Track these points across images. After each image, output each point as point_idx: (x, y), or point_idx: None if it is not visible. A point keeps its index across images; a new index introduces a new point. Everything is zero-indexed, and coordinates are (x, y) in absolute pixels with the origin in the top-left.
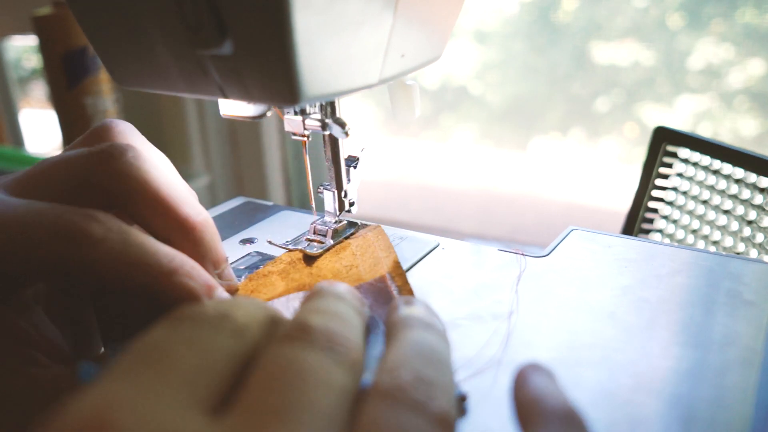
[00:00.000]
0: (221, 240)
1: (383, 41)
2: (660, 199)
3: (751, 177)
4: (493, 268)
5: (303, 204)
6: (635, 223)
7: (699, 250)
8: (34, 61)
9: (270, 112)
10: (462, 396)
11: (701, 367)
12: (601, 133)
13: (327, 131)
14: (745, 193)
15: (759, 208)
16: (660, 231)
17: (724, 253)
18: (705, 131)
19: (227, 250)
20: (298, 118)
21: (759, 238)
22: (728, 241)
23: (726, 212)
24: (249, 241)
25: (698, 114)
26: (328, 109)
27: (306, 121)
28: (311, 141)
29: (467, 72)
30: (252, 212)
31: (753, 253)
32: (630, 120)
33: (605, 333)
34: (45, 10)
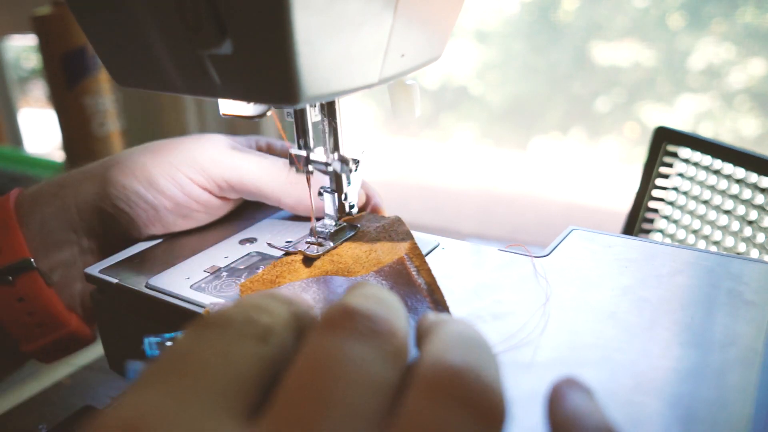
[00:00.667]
0: (221, 240)
1: (383, 41)
2: (661, 199)
3: (752, 177)
4: (493, 268)
5: None
6: (636, 223)
7: (700, 250)
8: (34, 60)
9: (270, 112)
10: None
11: (702, 367)
12: (601, 133)
13: (330, 169)
14: (746, 193)
15: (760, 208)
16: (661, 231)
17: (724, 253)
18: (706, 131)
19: (227, 250)
20: (303, 153)
21: (760, 238)
22: (729, 242)
23: (727, 212)
24: (249, 241)
25: (699, 114)
26: (326, 110)
27: (310, 156)
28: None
29: (467, 72)
30: (252, 212)
31: (754, 254)
32: (630, 120)
33: (606, 333)
34: (44, 10)
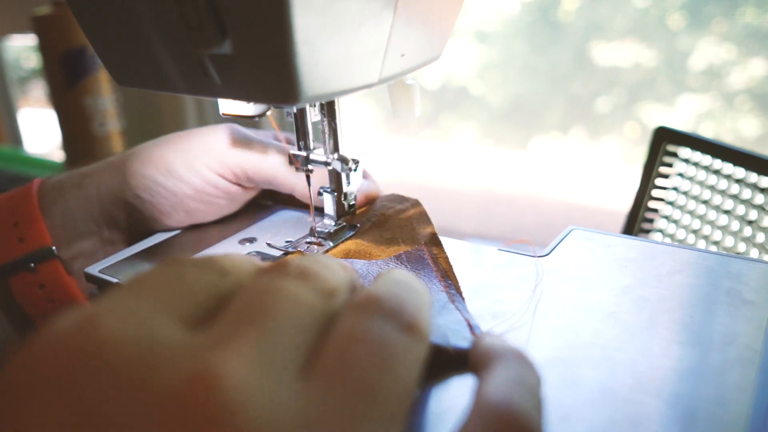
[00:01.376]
0: (221, 240)
1: (383, 41)
2: (660, 199)
3: (752, 177)
4: (492, 267)
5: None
6: (636, 223)
7: (699, 250)
8: (34, 60)
9: (270, 112)
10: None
11: (701, 367)
12: (601, 133)
13: (330, 167)
14: (746, 193)
15: (759, 208)
16: (660, 231)
17: (724, 252)
18: (706, 131)
19: (227, 250)
20: (303, 153)
21: (759, 238)
22: (729, 241)
23: (727, 212)
24: (249, 240)
25: (700, 114)
26: (326, 109)
27: (310, 155)
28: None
29: (468, 72)
30: (252, 212)
31: (753, 253)
32: (631, 120)
33: (605, 332)
34: (44, 10)
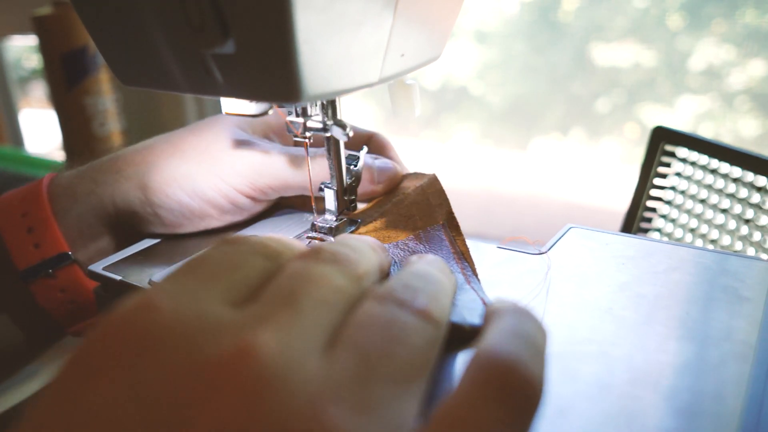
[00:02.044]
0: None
1: (383, 41)
2: (658, 198)
3: (749, 176)
4: (491, 265)
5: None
6: (634, 222)
7: (696, 248)
8: (34, 61)
9: (271, 111)
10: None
11: (697, 362)
12: (601, 134)
13: (328, 133)
14: (743, 192)
15: (756, 206)
16: (658, 230)
17: (721, 250)
18: (706, 132)
19: None
20: (300, 120)
21: (756, 236)
22: (726, 240)
23: (724, 211)
24: None
25: (699, 115)
26: (329, 109)
27: (307, 123)
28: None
29: (468, 72)
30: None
31: (750, 251)
32: (630, 120)
33: (603, 328)
34: (45, 10)
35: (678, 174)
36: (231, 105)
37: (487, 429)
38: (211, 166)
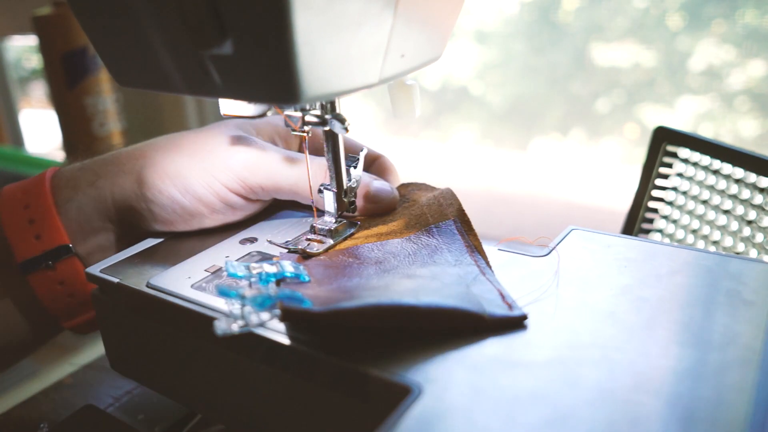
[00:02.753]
0: (222, 240)
1: (383, 41)
2: (660, 199)
3: (751, 177)
4: (493, 267)
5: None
6: (635, 223)
7: (698, 250)
8: (34, 61)
9: (270, 112)
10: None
11: (700, 367)
12: (601, 134)
13: (327, 127)
14: (745, 193)
15: (759, 207)
16: (660, 231)
17: (723, 253)
18: (706, 132)
19: (228, 250)
20: (298, 114)
21: (758, 237)
22: (728, 241)
23: (726, 212)
24: (249, 240)
25: (699, 115)
26: (328, 108)
27: (305, 117)
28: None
29: (468, 72)
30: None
31: (752, 253)
32: (630, 121)
33: (605, 332)
34: (45, 10)
35: (680, 175)
36: (229, 106)
37: None
38: (203, 161)
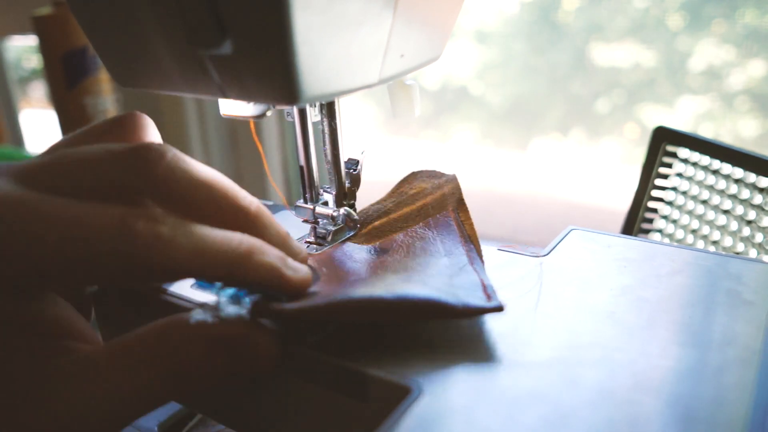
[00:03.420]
0: None
1: (383, 41)
2: (660, 199)
3: (751, 177)
4: (492, 267)
5: None
6: (635, 223)
7: (698, 250)
8: (34, 61)
9: (270, 112)
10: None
11: (700, 367)
12: (601, 134)
13: (337, 224)
14: (745, 193)
15: (758, 207)
16: (660, 231)
17: (723, 252)
18: (706, 132)
19: None
20: (309, 206)
21: (758, 237)
22: (728, 241)
23: (725, 212)
24: None
25: (699, 115)
26: (328, 111)
27: (316, 209)
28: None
29: (467, 72)
30: None
31: (752, 253)
32: (630, 121)
33: (605, 332)
34: (45, 10)
35: (679, 175)
36: (229, 106)
37: None
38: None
